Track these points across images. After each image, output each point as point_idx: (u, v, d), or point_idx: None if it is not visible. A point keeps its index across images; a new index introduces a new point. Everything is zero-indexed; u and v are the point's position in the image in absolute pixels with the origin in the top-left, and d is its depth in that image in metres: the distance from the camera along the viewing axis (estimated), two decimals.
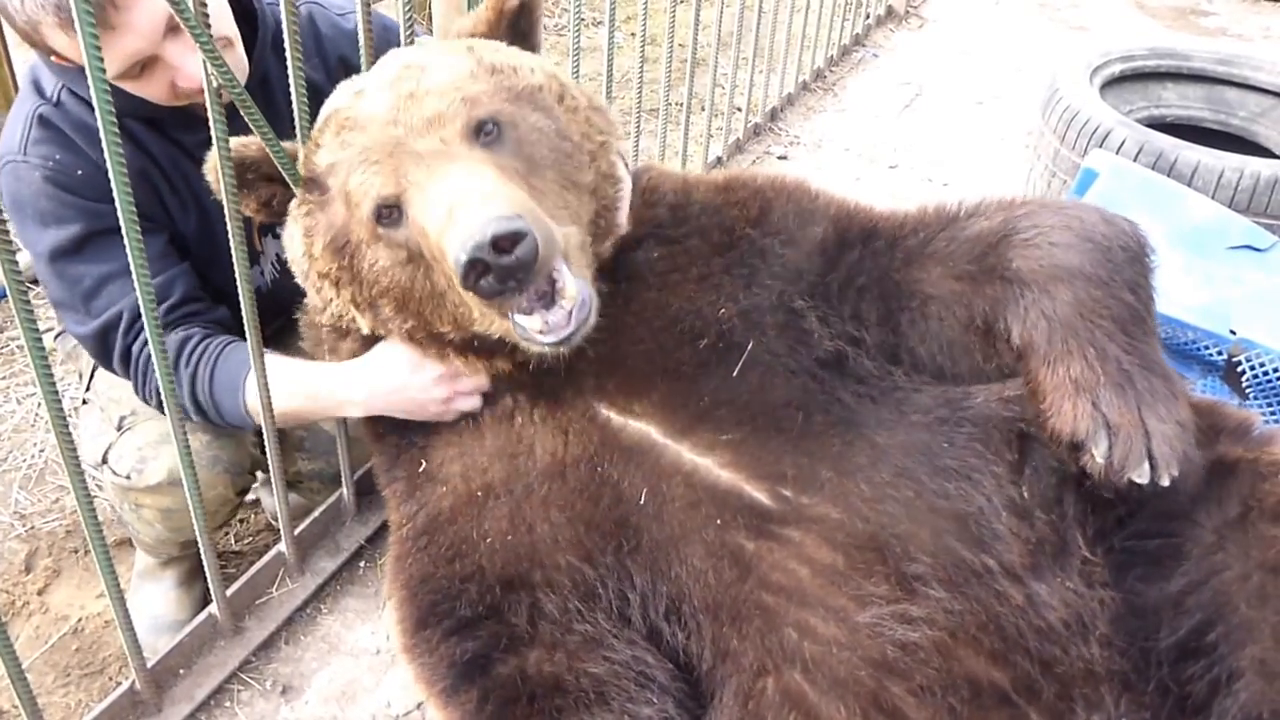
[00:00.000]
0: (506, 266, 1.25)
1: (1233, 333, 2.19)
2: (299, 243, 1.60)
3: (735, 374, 1.51)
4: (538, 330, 1.36)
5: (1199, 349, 2.24)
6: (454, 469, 1.63)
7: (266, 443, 1.99)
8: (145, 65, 1.79)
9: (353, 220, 1.48)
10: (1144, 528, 1.36)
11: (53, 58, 1.83)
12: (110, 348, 1.94)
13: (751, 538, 1.43)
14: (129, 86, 1.84)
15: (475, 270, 1.26)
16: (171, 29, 1.75)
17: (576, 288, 1.36)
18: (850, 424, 1.48)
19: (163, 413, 1.98)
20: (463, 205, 1.30)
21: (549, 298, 1.35)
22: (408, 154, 1.41)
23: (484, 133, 1.43)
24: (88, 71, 1.41)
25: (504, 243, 1.24)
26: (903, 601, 1.34)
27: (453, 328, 1.51)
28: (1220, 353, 2.22)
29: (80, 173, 1.89)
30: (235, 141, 1.61)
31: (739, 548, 1.43)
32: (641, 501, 1.49)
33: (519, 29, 1.66)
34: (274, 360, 1.87)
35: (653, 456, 1.50)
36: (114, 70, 1.76)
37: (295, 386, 1.84)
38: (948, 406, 1.48)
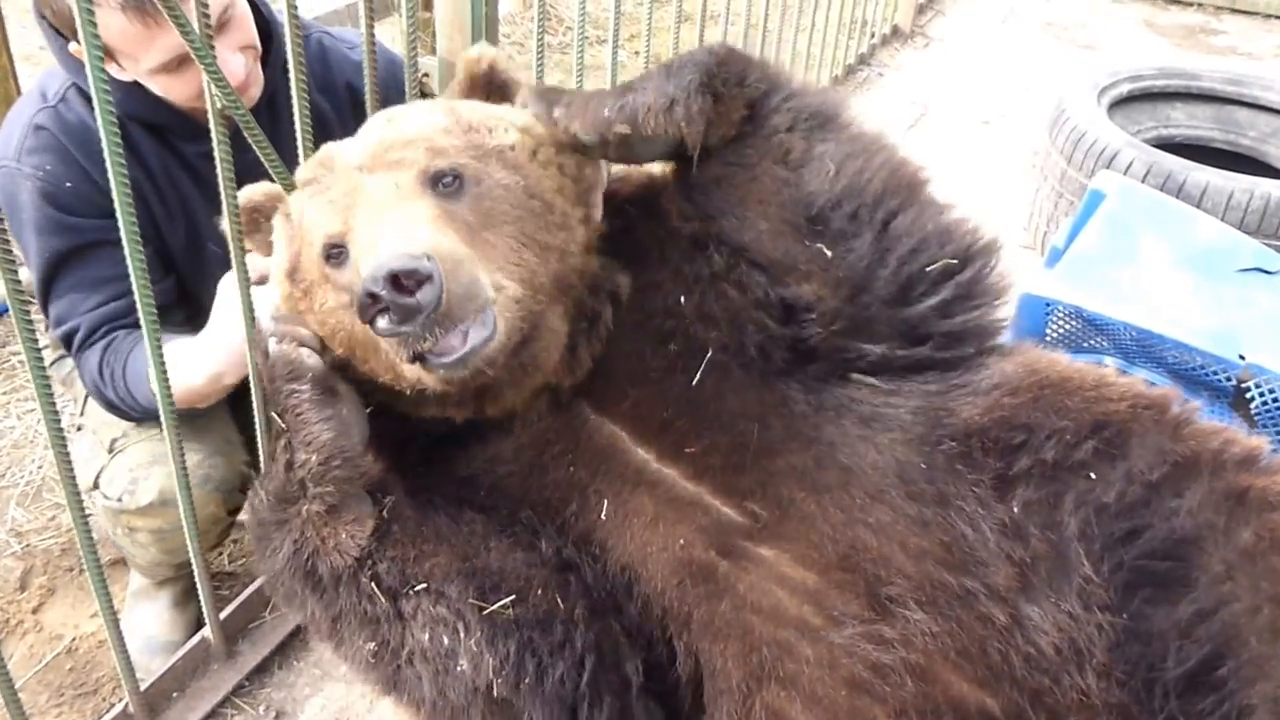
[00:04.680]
0: (405, 306, 1.21)
1: (1242, 358, 2.16)
2: (274, 270, 1.60)
3: (694, 383, 1.49)
4: (429, 356, 1.29)
5: (1207, 374, 2.20)
6: (441, 461, 1.62)
7: (263, 462, 1.98)
8: (183, 61, 1.80)
9: (306, 258, 1.47)
10: (1154, 547, 1.33)
11: (75, 52, 1.84)
12: (71, 352, 1.99)
13: (722, 556, 1.41)
14: (158, 82, 1.85)
15: (374, 305, 1.21)
16: (219, 26, 1.77)
17: (481, 323, 1.30)
18: (815, 440, 1.46)
19: (109, 409, 2.02)
20: (380, 239, 1.27)
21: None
22: (362, 195, 1.41)
23: (443, 184, 1.41)
24: (89, 73, 1.40)
25: (405, 280, 1.20)
26: (876, 622, 1.32)
27: (392, 379, 1.44)
28: (1229, 378, 2.18)
29: (68, 184, 1.90)
30: (244, 192, 1.62)
31: (709, 567, 1.41)
32: (603, 517, 1.47)
33: (495, 85, 1.66)
34: (176, 344, 1.86)
35: (620, 462, 1.49)
36: (161, 60, 1.78)
37: (176, 372, 1.82)
38: (926, 423, 1.45)
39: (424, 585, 1.43)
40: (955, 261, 1.53)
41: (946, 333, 1.52)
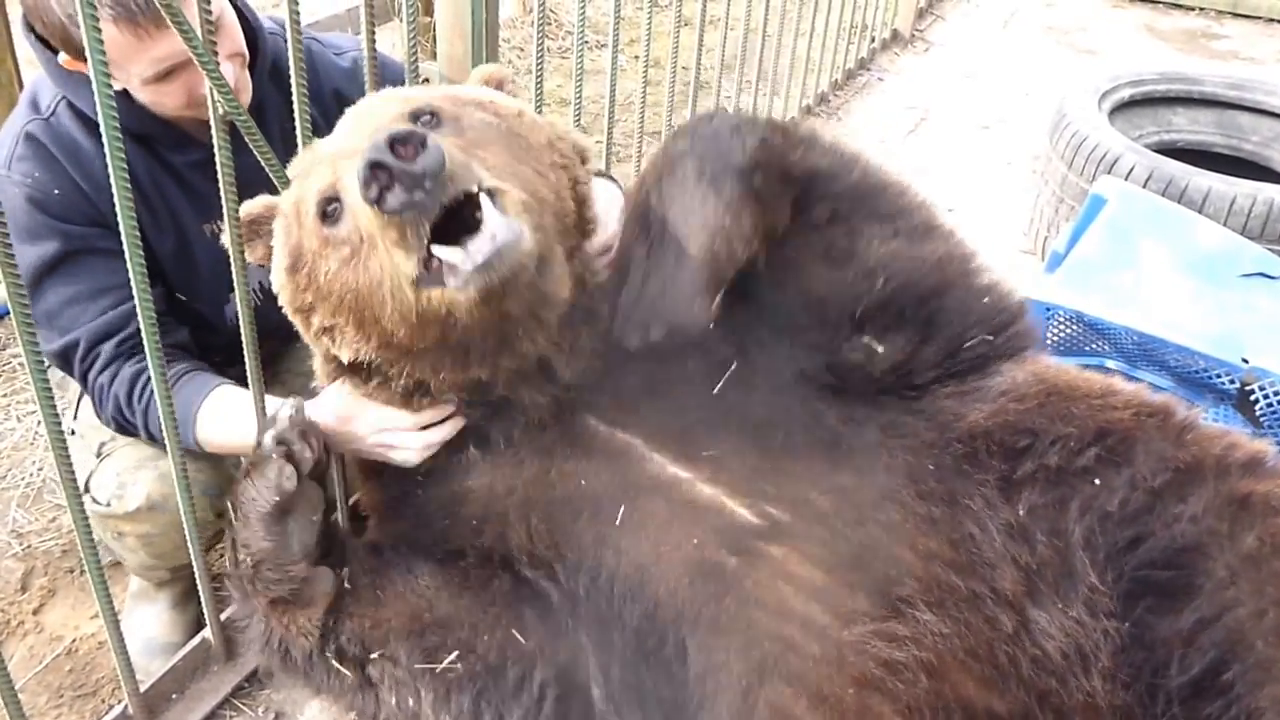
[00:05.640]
0: (410, 172, 1.18)
1: (1245, 361, 2.16)
2: (275, 271, 1.60)
3: (715, 392, 1.49)
4: (458, 262, 1.25)
5: (1211, 378, 2.21)
6: (435, 479, 1.63)
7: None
8: (171, 70, 1.80)
9: (304, 234, 1.47)
10: (1155, 556, 1.34)
11: (66, 63, 1.84)
12: (71, 369, 1.95)
13: (732, 554, 1.42)
14: (146, 93, 1.85)
15: (377, 180, 1.19)
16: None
17: (504, 221, 1.27)
18: (835, 445, 1.47)
19: (124, 434, 2.01)
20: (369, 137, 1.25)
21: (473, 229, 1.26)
22: (346, 152, 1.42)
23: (421, 121, 1.42)
24: (92, 77, 1.40)
25: (403, 149, 1.19)
26: (888, 620, 1.33)
27: (402, 325, 1.39)
28: (1233, 381, 2.19)
29: (57, 192, 1.89)
30: (245, 205, 1.62)
31: (719, 565, 1.42)
32: (619, 522, 1.47)
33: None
34: (222, 392, 1.86)
35: (636, 469, 1.50)
36: (151, 70, 1.78)
37: (230, 424, 1.84)
38: (937, 429, 1.47)
39: (380, 651, 1.49)
40: (992, 337, 1.54)
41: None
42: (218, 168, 1.61)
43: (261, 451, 1.53)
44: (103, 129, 1.46)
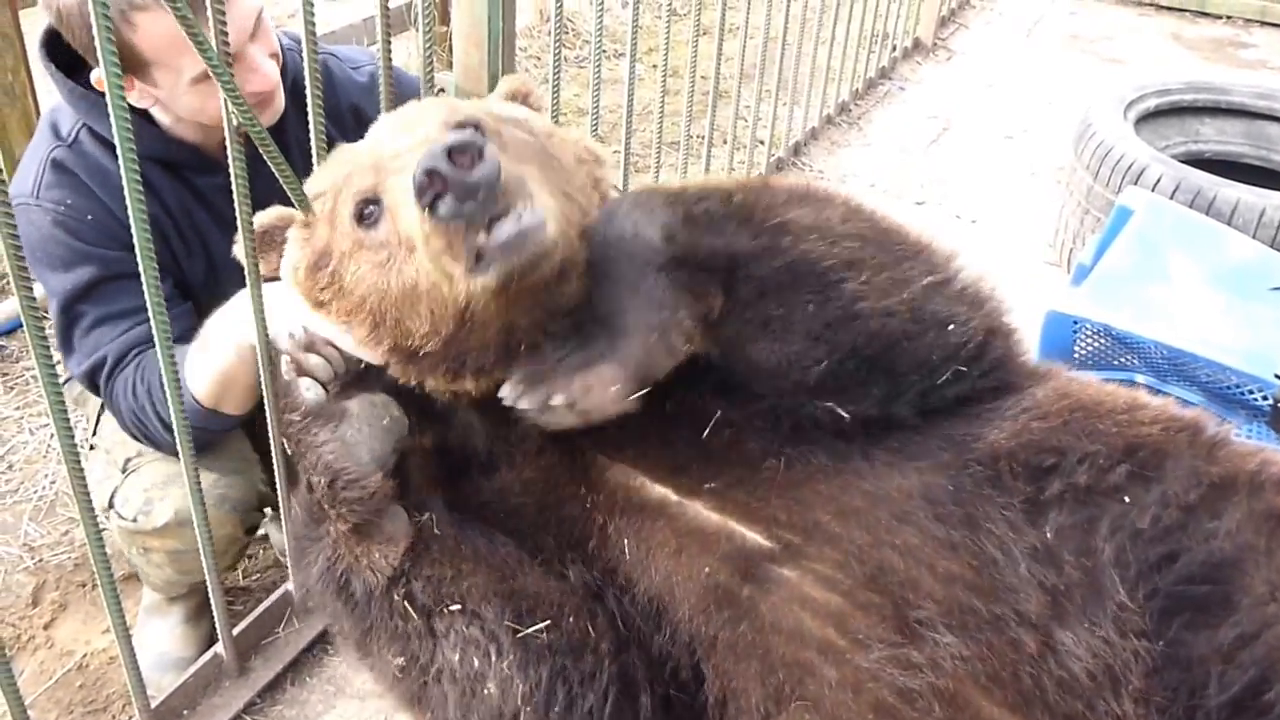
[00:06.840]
0: (464, 183, 1.19)
1: (1277, 377, 2.10)
2: (288, 276, 1.59)
3: (704, 436, 1.46)
4: (482, 241, 1.26)
5: (1244, 394, 2.15)
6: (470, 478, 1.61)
7: (277, 475, 1.97)
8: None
9: (335, 235, 1.47)
10: (1192, 571, 1.29)
11: (97, 83, 1.83)
12: (97, 387, 1.95)
13: (746, 581, 1.40)
14: (194, 95, 1.83)
15: (432, 186, 1.20)
16: (253, 33, 1.79)
17: (529, 210, 1.28)
18: (840, 470, 1.43)
19: (143, 443, 2.00)
20: (423, 148, 1.25)
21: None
22: (389, 157, 1.42)
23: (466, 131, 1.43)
24: (109, 98, 1.40)
25: (459, 158, 1.19)
26: (904, 646, 1.29)
27: (429, 330, 1.40)
28: (1266, 398, 2.13)
29: (90, 217, 1.89)
30: (258, 216, 1.62)
31: (733, 592, 1.40)
32: (627, 554, 1.46)
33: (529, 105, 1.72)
34: (198, 334, 1.83)
35: (639, 499, 1.48)
36: (199, 68, 1.76)
37: (209, 350, 1.77)
38: (953, 449, 1.43)
39: (459, 605, 1.43)
40: (964, 369, 1.46)
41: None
42: (232, 174, 1.60)
43: (280, 377, 1.53)
44: (117, 141, 1.46)
